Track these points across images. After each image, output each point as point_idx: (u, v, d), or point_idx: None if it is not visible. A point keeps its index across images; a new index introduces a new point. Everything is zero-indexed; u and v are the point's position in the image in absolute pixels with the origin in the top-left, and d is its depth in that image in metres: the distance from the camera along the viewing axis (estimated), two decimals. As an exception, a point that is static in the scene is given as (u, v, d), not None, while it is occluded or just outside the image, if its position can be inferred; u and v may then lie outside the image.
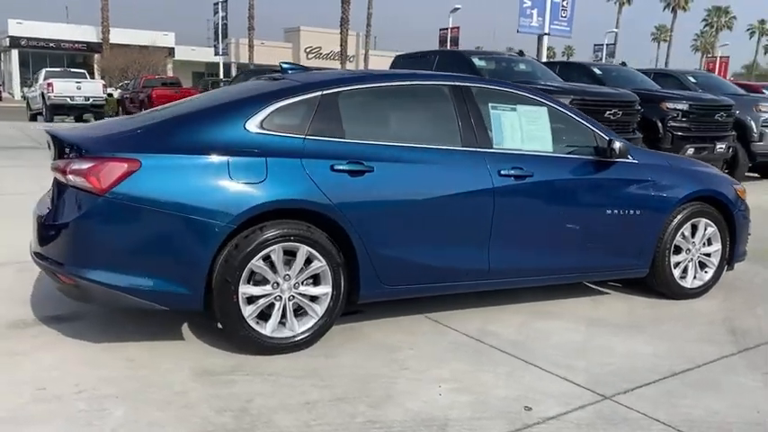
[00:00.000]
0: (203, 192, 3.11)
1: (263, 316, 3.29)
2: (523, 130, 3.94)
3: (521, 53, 9.78)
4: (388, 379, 3.08)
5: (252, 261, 3.18)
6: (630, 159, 4.13)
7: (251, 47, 46.17)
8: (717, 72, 35.35)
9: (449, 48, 30.27)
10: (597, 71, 10.84)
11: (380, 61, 50.18)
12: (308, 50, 52.69)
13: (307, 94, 3.47)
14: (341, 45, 36.03)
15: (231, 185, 3.14)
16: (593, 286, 4.64)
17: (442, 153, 3.68)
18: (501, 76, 8.74)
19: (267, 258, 3.23)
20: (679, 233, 4.33)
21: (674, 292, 4.41)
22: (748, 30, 79.96)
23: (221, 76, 33.87)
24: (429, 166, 3.60)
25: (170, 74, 39.69)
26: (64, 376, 3.00)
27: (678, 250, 4.38)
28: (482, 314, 3.99)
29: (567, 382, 3.10)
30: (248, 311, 3.22)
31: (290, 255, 3.29)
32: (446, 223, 3.64)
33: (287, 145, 3.33)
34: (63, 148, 3.30)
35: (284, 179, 3.25)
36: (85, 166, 3.04)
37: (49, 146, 3.55)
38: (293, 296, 3.33)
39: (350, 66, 46.89)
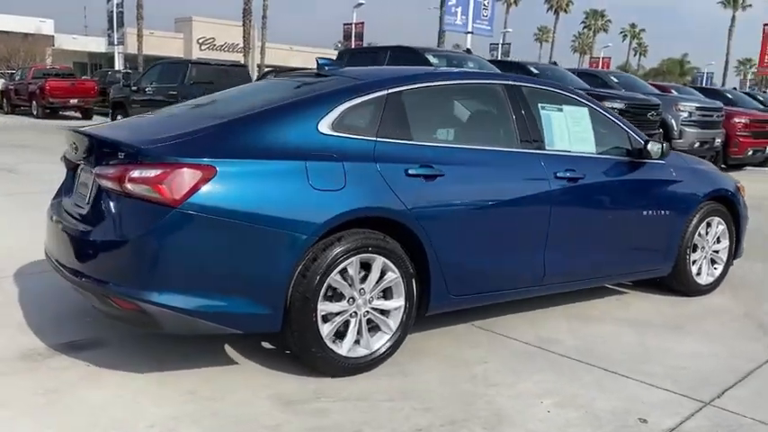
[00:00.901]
0: (284, 201, 2.80)
1: (337, 334, 3.02)
2: (570, 130, 3.87)
3: (468, 51, 9.82)
4: (484, 397, 2.91)
5: (331, 275, 2.90)
6: (658, 160, 4.17)
7: (140, 36, 43.67)
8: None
9: (363, 43, 30.12)
10: (534, 70, 11.12)
11: (278, 54, 49.27)
12: (200, 41, 50.67)
13: (374, 93, 3.21)
14: (244, 37, 35.00)
15: (312, 193, 2.85)
16: (611, 287, 4.67)
17: (505, 155, 3.54)
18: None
19: (344, 272, 2.96)
20: (697, 232, 4.44)
21: (690, 289, 4.51)
22: (621, 33, 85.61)
23: (119, 67, 31.86)
24: (494, 168, 3.46)
25: (49, 64, 36.90)
26: (128, 417, 2.60)
27: (695, 248, 4.49)
28: (524, 320, 3.89)
29: (658, 389, 3.05)
30: (326, 330, 2.94)
31: (364, 267, 3.03)
32: (509, 228, 3.51)
33: (360, 148, 3.06)
34: (104, 151, 2.87)
35: (363, 185, 2.98)
36: (152, 173, 2.63)
37: (74, 148, 3.08)
38: (368, 311, 3.07)
39: (239, 57, 45.43)
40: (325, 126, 3.01)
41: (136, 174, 2.66)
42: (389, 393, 2.90)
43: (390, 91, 3.25)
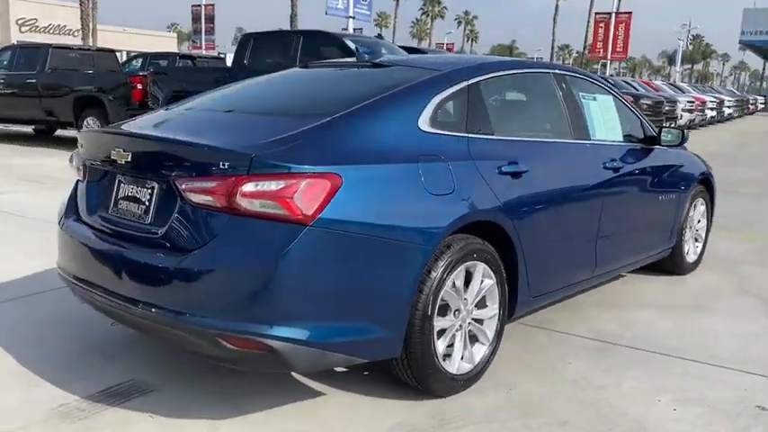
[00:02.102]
0: (406, 208, 2.47)
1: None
2: (604, 119, 3.83)
3: (380, 36, 9.59)
4: (603, 402, 2.77)
5: (445, 287, 2.61)
6: (669, 146, 4.27)
7: (-53, 16, 38.51)
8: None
9: (214, 26, 28.59)
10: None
11: (110, 37, 45.53)
12: (20, 22, 45.57)
13: (459, 84, 2.92)
14: (82, 18, 31.98)
15: (430, 199, 2.54)
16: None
17: (568, 147, 3.43)
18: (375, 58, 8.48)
19: (453, 282, 2.67)
20: (689, 213, 4.63)
21: (682, 267, 4.70)
22: (456, 19, 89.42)
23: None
24: (563, 161, 3.34)
25: None
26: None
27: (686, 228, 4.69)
28: (561, 313, 3.81)
29: (745, 374, 3.09)
30: (440, 348, 2.65)
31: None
32: (576, 221, 3.41)
33: (457, 146, 2.78)
34: (189, 159, 2.35)
35: (470, 188, 2.71)
36: (276, 186, 2.17)
37: (108, 154, 2.50)
38: (469, 323, 2.82)
39: (76, 40, 41.56)
40: (423, 123, 2.69)
41: (251, 187, 2.18)
42: (511, 410, 2.67)
43: (471, 81, 2.98)
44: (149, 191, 2.49)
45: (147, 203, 2.50)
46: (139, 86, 10.53)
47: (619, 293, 4.28)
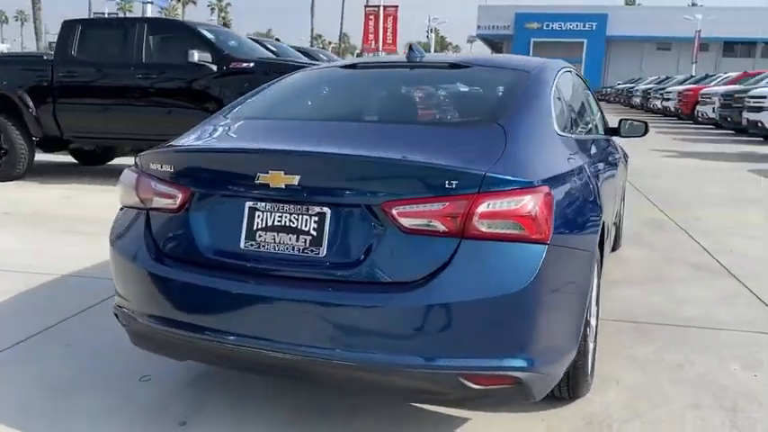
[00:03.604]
0: (586, 216, 2.41)
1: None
2: (593, 111, 4.07)
3: (225, 26, 8.96)
4: (701, 381, 3.01)
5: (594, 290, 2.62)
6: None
7: None
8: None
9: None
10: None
11: None
12: None
13: (554, 84, 2.91)
14: None
15: (589, 203, 2.52)
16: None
17: (600, 141, 3.60)
18: (238, 52, 7.96)
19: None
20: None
21: (616, 245, 5.22)
22: (209, 6, 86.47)
23: None
24: (599, 152, 3.45)
25: None
26: None
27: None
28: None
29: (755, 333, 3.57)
30: (591, 348, 2.67)
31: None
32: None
33: (578, 147, 2.85)
34: (389, 179, 2.04)
35: (601, 189, 2.78)
36: (513, 204, 1.98)
37: (284, 180, 2.07)
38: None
39: None
40: (556, 125, 2.64)
41: (487, 207, 1.96)
42: (638, 401, 2.78)
43: (557, 80, 2.99)
44: (316, 218, 2.11)
45: (314, 233, 2.11)
46: None
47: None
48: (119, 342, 3.18)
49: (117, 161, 9.88)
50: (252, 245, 2.19)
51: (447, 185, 1.98)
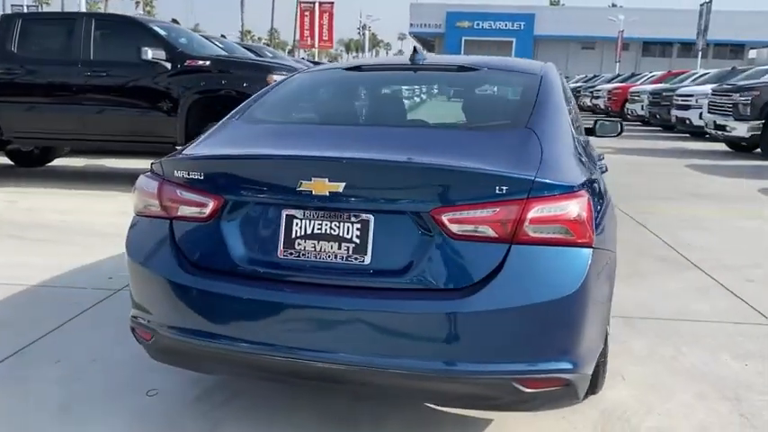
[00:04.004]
0: (607, 215, 2.45)
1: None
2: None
3: (174, 21, 8.69)
4: (699, 371, 3.14)
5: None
6: None
7: None
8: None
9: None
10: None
11: None
12: None
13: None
14: None
15: (607, 203, 2.58)
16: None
17: None
18: (190, 49, 7.74)
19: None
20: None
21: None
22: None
23: None
24: None
25: None
26: None
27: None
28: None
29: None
30: (605, 348, 2.74)
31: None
32: None
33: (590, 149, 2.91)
34: (437, 186, 2.03)
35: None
36: (560, 209, 2.01)
37: (328, 187, 2.02)
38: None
39: None
40: (572, 128, 2.69)
41: (537, 213, 1.98)
42: (652, 395, 2.88)
43: (561, 82, 3.06)
44: (359, 225, 2.08)
45: (357, 240, 2.08)
46: None
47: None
48: (114, 355, 3.06)
49: (57, 162, 9.44)
50: (291, 253, 2.13)
51: (498, 191, 1.99)
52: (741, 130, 12.16)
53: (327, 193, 2.05)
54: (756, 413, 2.73)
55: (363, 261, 2.08)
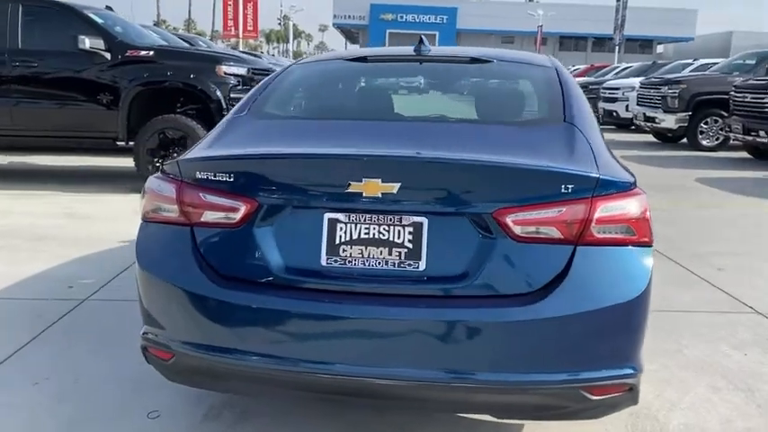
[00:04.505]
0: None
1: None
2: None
3: (109, 8, 8.15)
4: (705, 362, 3.16)
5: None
6: None
7: None
8: None
9: None
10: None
11: None
12: None
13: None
14: None
15: None
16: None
17: None
18: (129, 38, 7.28)
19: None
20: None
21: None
22: (37, -14, 79.02)
23: None
24: None
25: None
26: None
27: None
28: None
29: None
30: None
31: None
32: None
33: None
34: (498, 185, 1.90)
35: None
36: (624, 209, 1.93)
37: (381, 188, 1.85)
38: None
39: None
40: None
41: (603, 212, 1.89)
42: (682, 391, 2.87)
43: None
44: (411, 228, 1.93)
45: (409, 245, 1.92)
46: None
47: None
48: (100, 373, 2.80)
49: (-21, 160, 8.71)
50: (335, 261, 1.96)
51: (563, 190, 1.88)
52: (669, 121, 12.68)
53: (380, 195, 1.89)
54: (772, 403, 2.77)
55: (417, 267, 1.93)
